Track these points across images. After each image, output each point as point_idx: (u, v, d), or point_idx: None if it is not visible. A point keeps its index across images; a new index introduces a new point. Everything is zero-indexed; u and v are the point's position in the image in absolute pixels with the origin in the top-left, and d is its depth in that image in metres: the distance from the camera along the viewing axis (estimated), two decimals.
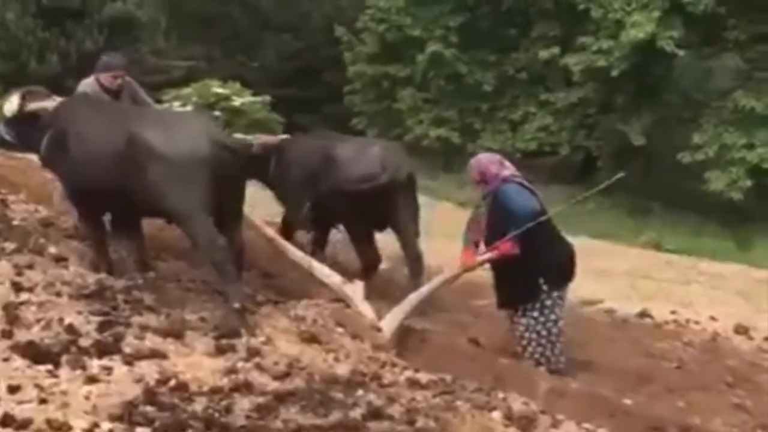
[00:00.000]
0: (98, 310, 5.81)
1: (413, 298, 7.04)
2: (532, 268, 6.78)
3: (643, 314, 10.15)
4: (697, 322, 10.23)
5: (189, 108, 16.24)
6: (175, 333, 5.73)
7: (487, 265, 7.14)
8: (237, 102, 18.95)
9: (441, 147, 23.60)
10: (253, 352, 5.61)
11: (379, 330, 6.56)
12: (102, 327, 5.47)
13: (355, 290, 7.07)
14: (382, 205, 8.14)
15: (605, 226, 19.32)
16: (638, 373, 7.45)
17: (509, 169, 6.97)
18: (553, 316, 6.87)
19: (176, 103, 17.87)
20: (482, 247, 7.01)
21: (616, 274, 13.46)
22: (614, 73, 20.15)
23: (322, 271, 7.36)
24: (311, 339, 6.17)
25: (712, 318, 10.51)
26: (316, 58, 28.37)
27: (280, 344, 5.99)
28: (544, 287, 6.81)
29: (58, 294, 6.00)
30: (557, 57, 22.12)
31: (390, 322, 6.71)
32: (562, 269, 7.03)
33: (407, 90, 24.49)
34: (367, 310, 6.84)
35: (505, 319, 7.24)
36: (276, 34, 29.39)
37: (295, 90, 26.13)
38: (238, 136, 9.21)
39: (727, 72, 21.14)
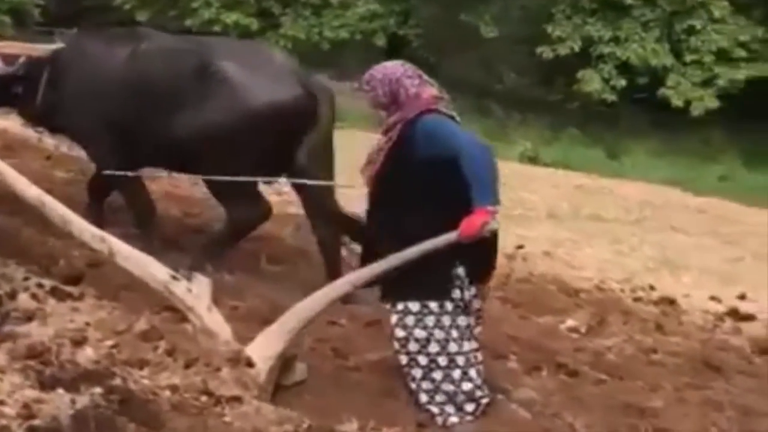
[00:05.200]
0: None
1: (303, 308, 4.17)
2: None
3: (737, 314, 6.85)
4: None
5: None
6: None
7: None
8: None
9: (236, 36, 19.31)
10: None
11: (248, 363, 3.93)
12: None
13: (198, 291, 4.31)
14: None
15: None
16: None
17: (432, 90, 4.24)
18: (464, 321, 4.10)
19: None
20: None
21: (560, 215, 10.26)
22: None
23: (132, 256, 4.45)
24: None
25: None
26: None
27: None
28: (463, 277, 4.10)
29: None
30: None
31: (264, 348, 4.05)
32: (490, 251, 4.23)
33: None
34: (219, 325, 4.19)
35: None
36: None
37: None
38: None
39: None
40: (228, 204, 5.95)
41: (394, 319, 4.11)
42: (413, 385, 4.11)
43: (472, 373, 4.09)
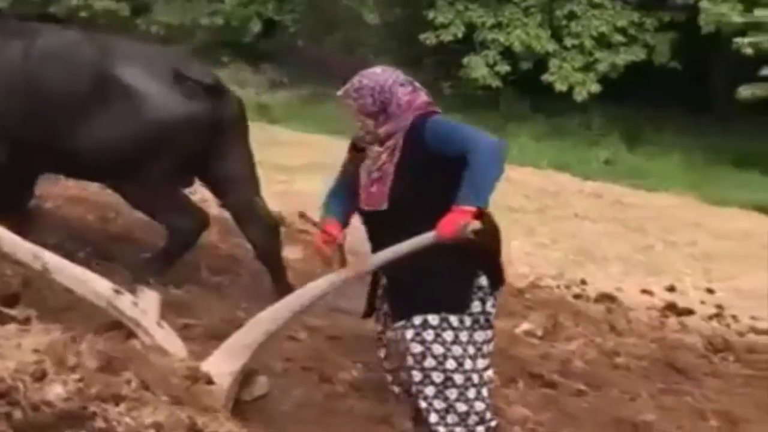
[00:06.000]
0: None
1: (264, 320, 3.92)
2: (464, 252, 3.69)
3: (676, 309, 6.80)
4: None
5: None
6: None
7: None
8: None
9: (108, 23, 18.49)
10: None
11: (208, 381, 3.67)
12: None
13: (145, 306, 4.04)
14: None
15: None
16: None
17: (424, 95, 3.92)
18: (480, 336, 3.83)
19: None
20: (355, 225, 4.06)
21: None
22: None
23: (70, 271, 4.08)
24: None
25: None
26: None
27: None
28: (486, 287, 3.82)
29: None
30: None
31: (223, 363, 3.79)
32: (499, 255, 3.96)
33: None
34: (172, 341, 3.91)
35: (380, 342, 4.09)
36: None
37: None
38: None
39: None
40: (162, 219, 5.60)
41: (409, 333, 3.79)
42: (424, 404, 3.84)
43: (485, 392, 3.87)
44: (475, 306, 3.79)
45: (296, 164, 11.39)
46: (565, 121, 16.62)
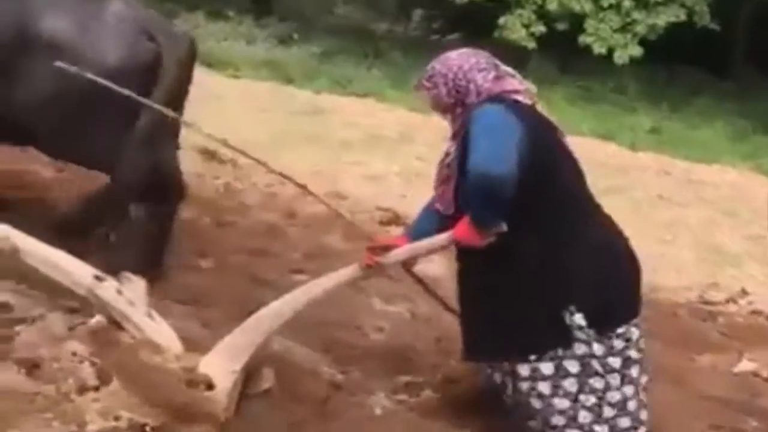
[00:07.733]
0: None
1: (269, 313, 3.54)
2: (550, 282, 3.30)
3: None
4: None
5: None
6: None
7: None
8: None
9: None
10: None
11: (208, 385, 3.19)
12: None
13: (131, 295, 3.61)
14: None
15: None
16: None
17: (512, 82, 3.42)
18: (600, 384, 3.31)
19: None
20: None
21: None
22: None
23: (38, 250, 3.60)
24: None
25: None
26: None
27: None
28: (579, 322, 3.26)
29: None
30: None
31: (226, 360, 3.33)
32: (619, 285, 3.42)
33: None
34: (165, 335, 3.47)
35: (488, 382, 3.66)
36: None
37: None
38: None
39: None
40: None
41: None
42: None
43: None
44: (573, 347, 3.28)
45: (355, 138, 10.15)
46: (596, 85, 15.73)
